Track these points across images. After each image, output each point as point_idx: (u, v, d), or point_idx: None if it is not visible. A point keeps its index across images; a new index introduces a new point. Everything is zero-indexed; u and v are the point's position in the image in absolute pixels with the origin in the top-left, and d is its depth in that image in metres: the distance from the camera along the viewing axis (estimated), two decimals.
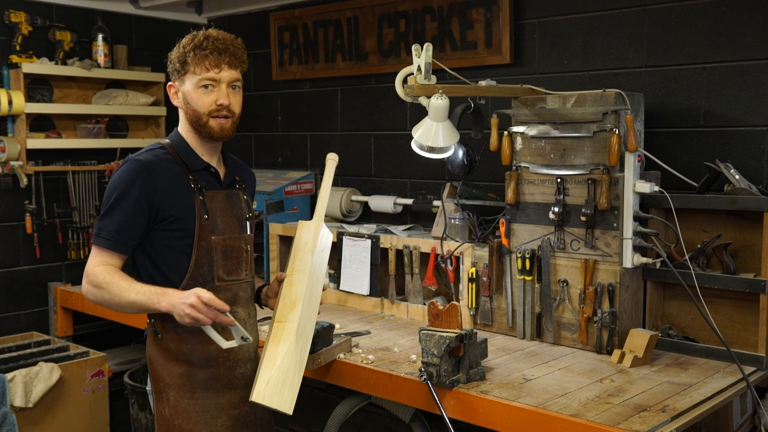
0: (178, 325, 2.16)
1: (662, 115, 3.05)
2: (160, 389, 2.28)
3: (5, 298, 4.11)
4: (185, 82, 2.28)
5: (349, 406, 3.14)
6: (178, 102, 2.32)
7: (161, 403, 2.28)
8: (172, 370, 2.26)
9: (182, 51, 2.28)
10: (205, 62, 2.24)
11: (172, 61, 2.31)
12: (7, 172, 3.98)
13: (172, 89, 2.33)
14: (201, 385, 2.27)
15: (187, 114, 2.30)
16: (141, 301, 2.14)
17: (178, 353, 2.26)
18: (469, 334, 2.47)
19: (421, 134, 2.63)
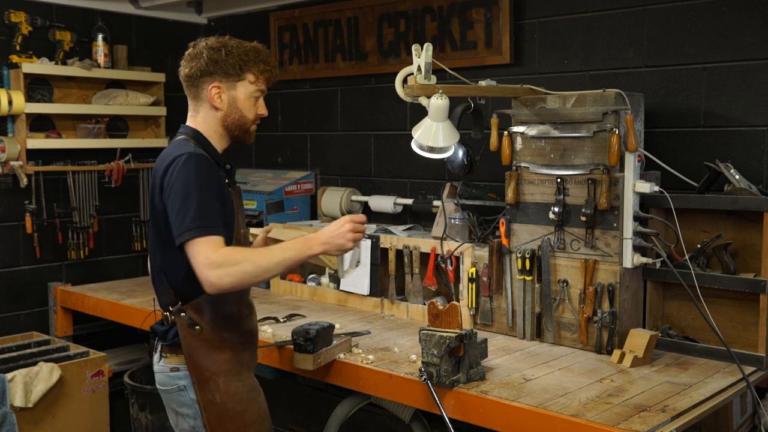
0: (217, 313, 2.28)
1: (662, 115, 3.05)
2: (206, 378, 2.29)
3: (5, 298, 4.11)
4: (237, 87, 2.32)
5: (349, 406, 3.14)
6: (220, 103, 2.31)
7: (209, 391, 2.29)
8: (217, 357, 2.30)
9: (244, 59, 2.30)
10: (266, 77, 2.36)
11: (226, 64, 2.29)
12: (7, 172, 3.98)
13: (216, 90, 2.30)
14: (245, 366, 2.38)
15: (229, 117, 2.33)
16: (291, 256, 2.18)
17: (220, 340, 2.30)
18: (469, 334, 2.47)
19: (421, 134, 2.63)
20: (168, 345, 2.33)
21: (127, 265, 4.57)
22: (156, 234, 2.29)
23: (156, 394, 3.82)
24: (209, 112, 2.33)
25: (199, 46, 2.33)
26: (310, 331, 2.67)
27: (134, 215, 4.54)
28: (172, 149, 2.26)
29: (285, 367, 2.88)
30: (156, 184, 2.24)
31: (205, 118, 2.34)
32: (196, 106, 2.35)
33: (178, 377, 2.33)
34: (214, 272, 2.08)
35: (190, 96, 2.37)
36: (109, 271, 4.48)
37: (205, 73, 2.30)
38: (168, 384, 2.36)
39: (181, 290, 2.27)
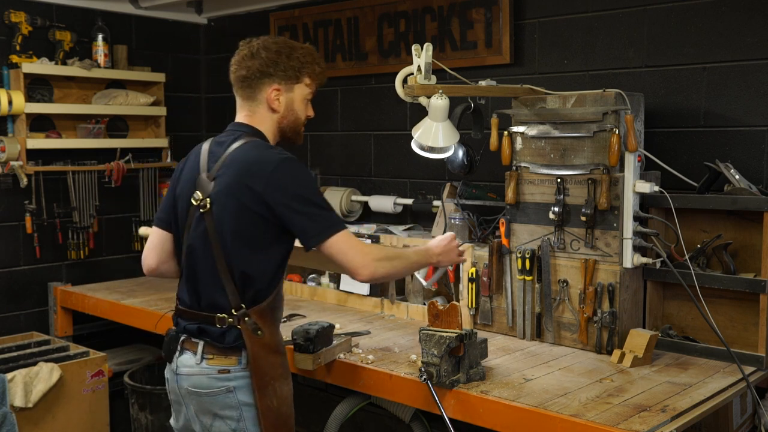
0: (274, 318, 2.32)
1: (662, 115, 3.05)
2: (265, 383, 2.27)
3: (5, 298, 4.11)
4: (294, 90, 2.35)
5: (349, 406, 3.14)
6: (278, 105, 2.33)
7: (268, 396, 2.28)
8: (273, 361, 2.30)
9: (302, 61, 2.33)
10: (320, 79, 2.40)
11: (287, 67, 2.31)
12: (7, 172, 3.98)
13: (276, 92, 2.31)
14: (288, 370, 2.39)
15: (285, 119, 2.36)
16: (417, 260, 2.44)
17: (275, 345, 2.31)
18: (469, 334, 2.47)
19: (421, 134, 2.63)
20: (222, 348, 2.26)
21: (127, 265, 4.57)
22: (238, 236, 2.22)
23: (156, 393, 3.85)
24: (266, 113, 2.34)
25: (254, 46, 2.31)
26: (310, 331, 2.67)
27: (134, 215, 4.54)
28: (261, 152, 2.24)
29: None
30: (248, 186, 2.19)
31: (262, 119, 2.35)
32: (252, 106, 2.34)
33: (227, 379, 2.27)
34: (374, 263, 2.22)
35: (243, 96, 2.35)
36: (109, 271, 4.48)
37: (264, 74, 2.30)
38: (212, 386, 2.28)
39: (250, 295, 2.25)
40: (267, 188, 2.18)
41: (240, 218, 2.22)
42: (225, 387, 2.27)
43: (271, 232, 2.23)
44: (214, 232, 2.24)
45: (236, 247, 2.23)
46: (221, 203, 2.23)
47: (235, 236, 2.22)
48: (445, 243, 2.52)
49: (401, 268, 2.38)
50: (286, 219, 2.19)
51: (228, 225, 2.23)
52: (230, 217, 2.22)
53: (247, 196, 2.19)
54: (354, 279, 2.27)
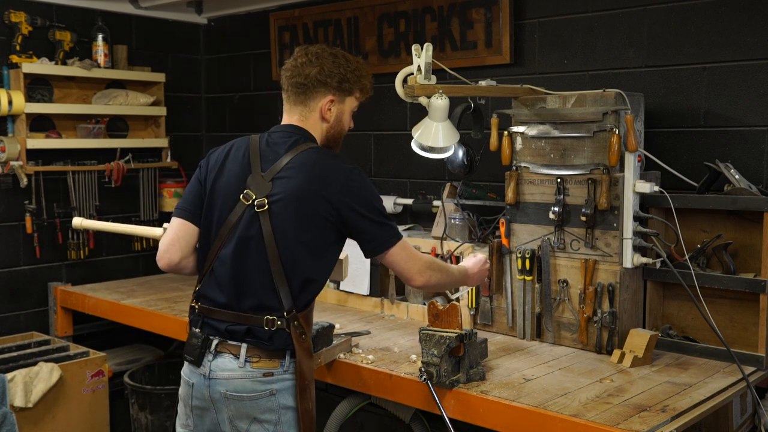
0: (311, 323, 2.37)
1: (662, 115, 3.05)
2: (305, 386, 2.29)
3: (5, 298, 4.11)
4: (345, 101, 2.37)
5: (349, 406, 3.14)
6: (330, 116, 2.34)
7: (306, 399, 2.30)
8: (310, 365, 2.33)
9: (357, 74, 2.35)
10: (369, 94, 2.44)
11: (344, 79, 2.32)
12: (7, 172, 3.98)
13: (330, 103, 2.33)
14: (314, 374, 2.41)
15: (332, 128, 2.37)
16: (458, 278, 2.55)
17: (310, 349, 2.35)
18: (469, 334, 2.47)
19: (421, 134, 2.63)
20: (270, 350, 2.25)
21: (127, 265, 4.57)
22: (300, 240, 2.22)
23: (156, 393, 3.86)
24: (317, 121, 2.35)
25: (312, 53, 2.32)
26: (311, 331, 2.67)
27: (134, 215, 4.54)
28: (331, 161, 2.28)
29: None
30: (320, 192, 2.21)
31: (313, 126, 2.35)
32: (304, 111, 2.34)
33: (270, 381, 2.26)
34: (429, 272, 2.36)
35: (295, 101, 2.34)
36: (109, 271, 4.48)
37: (321, 84, 2.30)
38: (255, 390, 2.25)
39: (304, 299, 2.27)
40: (340, 195, 2.21)
41: (306, 223, 2.22)
42: (268, 390, 2.25)
43: (331, 239, 2.27)
44: (271, 233, 2.21)
45: (298, 251, 2.22)
46: (284, 205, 2.22)
47: (298, 240, 2.22)
48: (480, 265, 2.64)
49: (447, 281, 2.48)
50: (354, 225, 2.25)
51: (292, 228, 2.21)
52: (295, 221, 2.21)
53: (316, 201, 2.21)
54: (409, 285, 2.42)
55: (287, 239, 2.21)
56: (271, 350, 2.25)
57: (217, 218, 2.30)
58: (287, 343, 2.25)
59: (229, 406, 2.26)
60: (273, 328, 2.23)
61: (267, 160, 2.28)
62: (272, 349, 2.25)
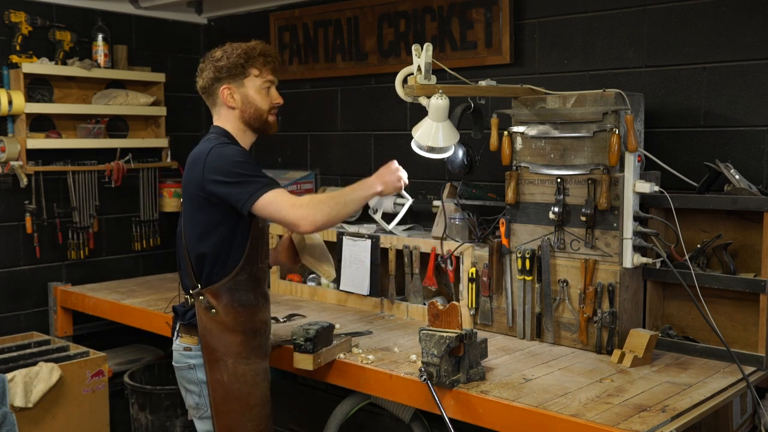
0: (233, 299, 2.49)
1: (662, 115, 3.05)
2: (216, 359, 2.49)
3: (5, 298, 4.11)
4: (244, 84, 2.55)
5: (349, 406, 3.14)
6: (233, 102, 2.55)
7: (217, 371, 2.49)
8: (229, 339, 2.49)
9: (243, 57, 2.53)
10: (269, 67, 2.58)
11: (226, 67, 2.52)
12: (7, 172, 3.98)
13: (227, 91, 2.54)
14: (253, 352, 2.55)
15: (246, 113, 2.56)
16: (359, 195, 2.50)
17: (234, 324, 2.50)
18: (469, 334, 2.47)
19: (421, 134, 2.63)
20: (185, 325, 2.55)
21: (127, 265, 4.57)
22: (192, 222, 2.50)
23: (156, 393, 3.86)
24: (228, 112, 2.57)
25: (204, 60, 2.59)
26: (310, 331, 2.67)
27: (134, 215, 4.54)
28: (203, 145, 2.49)
29: (285, 367, 2.87)
30: (193, 177, 2.44)
31: (226, 118, 2.58)
32: (216, 110, 2.60)
33: (189, 356, 2.55)
34: (306, 211, 2.35)
35: (209, 105, 2.62)
36: (109, 271, 4.48)
37: (214, 80, 2.54)
38: (180, 362, 2.59)
39: (204, 276, 2.49)
40: (203, 173, 2.41)
41: (191, 206, 2.50)
42: (187, 364, 2.56)
43: (216, 215, 2.46)
44: (181, 224, 2.56)
45: (189, 233, 2.51)
46: (184, 198, 2.55)
47: (188, 223, 2.51)
48: (383, 169, 2.59)
49: (342, 206, 2.44)
50: (219, 193, 2.40)
51: (186, 214, 2.53)
52: (187, 207, 2.52)
53: (192, 185, 2.46)
54: (298, 231, 2.47)
55: (186, 225, 2.52)
56: (188, 326, 2.55)
57: None
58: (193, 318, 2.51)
59: (176, 373, 2.64)
60: (188, 305, 2.55)
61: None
62: (187, 324, 2.55)
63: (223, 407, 2.50)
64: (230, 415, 2.50)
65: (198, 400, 2.57)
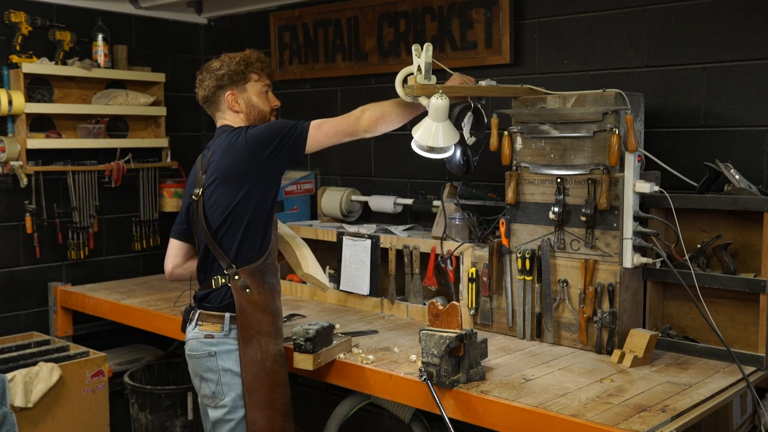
0: (264, 281, 2.60)
1: (662, 115, 3.05)
2: (251, 336, 2.58)
3: (5, 298, 4.11)
4: (246, 89, 2.73)
5: (349, 406, 3.14)
6: (238, 107, 2.72)
7: (252, 348, 2.57)
8: (262, 319, 2.60)
9: (242, 64, 2.71)
10: (266, 72, 2.78)
11: (227, 75, 2.69)
12: (7, 172, 3.98)
13: (231, 96, 2.71)
14: (279, 333, 2.67)
15: (251, 115, 2.73)
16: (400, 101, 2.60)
17: (266, 305, 2.61)
18: (469, 334, 2.47)
19: (421, 134, 2.63)
20: (207, 312, 2.61)
21: (127, 265, 4.57)
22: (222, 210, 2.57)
23: (156, 393, 3.86)
24: (233, 115, 2.73)
25: (203, 71, 2.75)
26: (310, 331, 2.67)
27: (134, 215, 4.54)
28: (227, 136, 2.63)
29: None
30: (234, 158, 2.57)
31: (232, 120, 2.73)
32: (221, 116, 2.75)
33: (210, 344, 2.59)
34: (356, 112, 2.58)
35: (213, 113, 2.77)
36: (109, 271, 4.49)
37: (217, 88, 2.71)
38: (199, 350, 2.61)
39: (240, 257, 2.58)
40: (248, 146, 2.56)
41: (228, 191, 2.57)
42: (207, 351, 2.59)
43: (250, 200, 2.56)
44: (203, 213, 2.61)
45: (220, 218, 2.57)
46: (209, 187, 2.61)
47: (219, 209, 2.58)
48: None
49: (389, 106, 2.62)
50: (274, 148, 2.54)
51: (214, 202, 2.59)
52: (215, 195, 2.59)
53: (233, 168, 2.57)
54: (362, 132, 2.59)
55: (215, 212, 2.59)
56: (213, 313, 2.60)
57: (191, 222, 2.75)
58: (230, 299, 2.58)
59: (190, 363, 2.68)
60: (218, 287, 2.60)
61: (204, 159, 2.71)
62: (215, 307, 2.60)
63: (255, 384, 2.57)
64: (261, 391, 2.57)
65: (215, 388, 2.60)
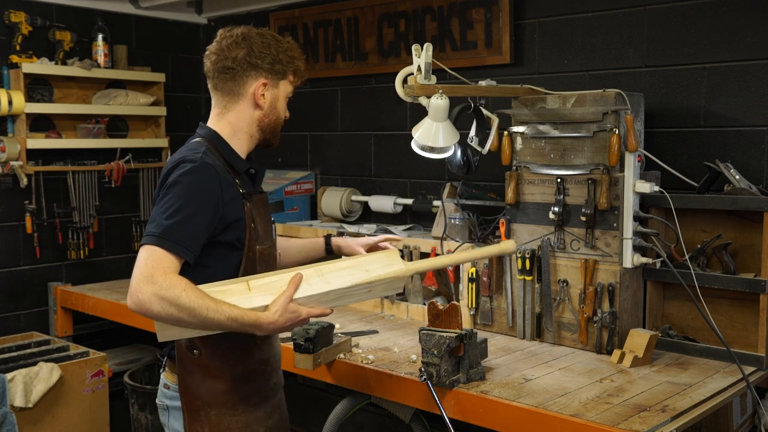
0: (221, 340, 2.03)
1: (662, 115, 3.05)
2: (197, 408, 2.08)
3: (5, 298, 4.11)
4: (279, 85, 2.13)
5: (349, 406, 3.14)
6: (263, 101, 2.10)
7: (198, 422, 2.08)
8: (213, 387, 2.07)
9: (290, 55, 2.11)
10: (303, 78, 2.19)
11: (275, 60, 2.08)
12: (7, 172, 3.98)
13: (264, 86, 2.09)
14: (243, 401, 2.12)
15: (267, 117, 2.14)
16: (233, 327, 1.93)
17: (220, 369, 2.08)
18: (469, 334, 2.47)
19: (421, 134, 2.63)
20: (170, 360, 2.15)
21: (127, 265, 4.56)
22: None
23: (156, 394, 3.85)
24: (247, 110, 2.11)
25: (238, 35, 2.08)
26: (310, 331, 2.67)
27: (134, 215, 4.54)
28: (181, 153, 2.04)
29: (285, 368, 2.87)
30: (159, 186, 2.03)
31: (239, 116, 2.11)
32: (228, 102, 2.10)
33: (165, 395, 2.17)
34: (149, 289, 1.86)
35: (220, 91, 2.11)
36: (109, 271, 4.49)
37: (250, 66, 2.06)
38: (158, 398, 2.22)
39: None
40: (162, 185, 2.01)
41: None
42: (163, 404, 2.19)
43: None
44: None
45: None
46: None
47: None
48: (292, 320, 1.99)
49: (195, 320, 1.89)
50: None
51: None
52: None
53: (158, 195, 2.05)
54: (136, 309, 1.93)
55: None
56: (171, 361, 2.14)
57: None
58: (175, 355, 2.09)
59: None
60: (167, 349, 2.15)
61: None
62: (171, 360, 2.13)
63: None
64: None
65: None
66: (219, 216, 1.99)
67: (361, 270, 2.12)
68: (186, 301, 1.86)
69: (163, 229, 1.90)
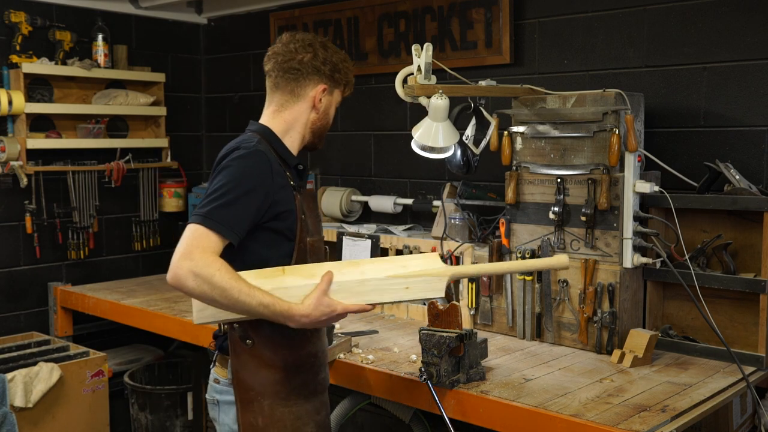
0: (274, 330, 2.06)
1: (662, 115, 3.05)
2: (250, 398, 2.11)
3: (5, 298, 4.11)
4: (334, 93, 2.24)
5: (349, 406, 3.14)
6: (320, 105, 2.20)
7: (252, 412, 2.11)
8: (266, 377, 2.11)
9: (347, 68, 2.26)
10: (350, 91, 2.32)
11: (337, 69, 2.22)
12: (7, 172, 3.97)
13: (324, 92, 2.20)
14: (294, 392, 2.15)
15: (320, 121, 2.22)
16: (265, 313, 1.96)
17: (272, 359, 2.11)
18: (469, 334, 2.47)
19: (421, 134, 2.63)
20: (221, 355, 2.18)
21: (127, 265, 4.57)
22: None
23: (156, 394, 3.86)
24: (304, 111, 2.19)
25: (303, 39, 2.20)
26: None
27: (134, 215, 4.54)
28: (236, 142, 2.10)
29: None
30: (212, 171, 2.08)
31: (295, 116, 2.18)
32: (287, 102, 2.18)
33: (216, 390, 2.20)
34: (186, 264, 1.89)
35: (281, 90, 2.18)
36: (109, 271, 4.48)
37: (315, 71, 2.18)
38: (209, 394, 2.24)
39: None
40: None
41: None
42: (213, 398, 2.22)
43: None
44: None
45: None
46: None
47: None
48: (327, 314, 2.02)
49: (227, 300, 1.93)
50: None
51: None
52: None
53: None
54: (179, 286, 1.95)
55: None
56: (223, 356, 2.18)
57: None
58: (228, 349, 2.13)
59: None
60: (221, 331, 2.19)
61: None
62: (222, 354, 2.18)
63: None
64: None
65: None
66: (269, 203, 2.05)
67: (398, 265, 2.13)
68: (219, 281, 1.90)
69: (208, 210, 1.96)
